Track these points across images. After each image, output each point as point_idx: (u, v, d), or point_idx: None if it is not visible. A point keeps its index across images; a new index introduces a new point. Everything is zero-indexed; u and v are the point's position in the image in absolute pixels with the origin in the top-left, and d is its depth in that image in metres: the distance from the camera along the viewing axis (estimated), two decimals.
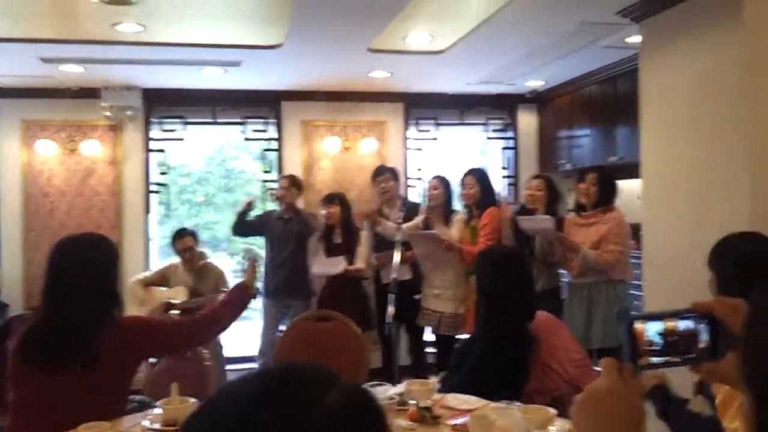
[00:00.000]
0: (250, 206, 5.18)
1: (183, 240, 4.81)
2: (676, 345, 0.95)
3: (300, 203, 5.39)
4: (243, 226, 5.21)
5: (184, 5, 3.74)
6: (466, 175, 4.45)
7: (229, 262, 10.30)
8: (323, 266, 4.83)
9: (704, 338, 0.96)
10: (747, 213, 2.78)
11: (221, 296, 4.51)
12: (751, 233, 1.93)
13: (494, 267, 2.48)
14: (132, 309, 4.76)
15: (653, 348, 0.95)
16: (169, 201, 5.99)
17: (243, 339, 6.19)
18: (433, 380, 2.37)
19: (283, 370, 0.76)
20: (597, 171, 4.19)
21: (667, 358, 0.95)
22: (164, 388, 2.35)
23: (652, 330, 0.95)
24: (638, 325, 0.95)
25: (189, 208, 12.10)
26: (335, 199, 4.98)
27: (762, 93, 2.55)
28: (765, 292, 0.69)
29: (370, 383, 2.35)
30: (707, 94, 3.39)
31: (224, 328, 2.44)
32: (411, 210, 4.73)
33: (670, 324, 0.95)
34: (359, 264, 4.82)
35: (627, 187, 4.87)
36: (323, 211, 4.96)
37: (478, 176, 4.42)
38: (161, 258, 6.04)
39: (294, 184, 5.13)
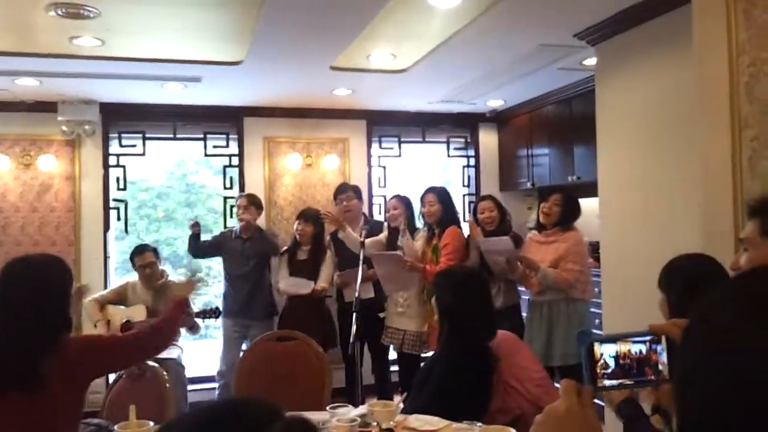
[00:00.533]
0: (196, 227, 5.15)
1: (143, 256, 4.72)
2: (629, 368, 0.98)
3: (261, 221, 5.35)
4: (199, 248, 5.15)
5: (143, 20, 3.70)
6: (426, 193, 4.41)
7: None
8: (292, 286, 4.79)
9: (663, 360, 0.98)
10: (700, 232, 2.86)
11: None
12: (698, 255, 1.99)
13: (454, 287, 2.50)
14: (89, 328, 4.65)
15: (607, 370, 0.98)
16: (127, 216, 5.87)
17: (204, 359, 6.10)
18: (396, 401, 2.36)
19: (231, 403, 0.84)
20: (560, 191, 4.24)
21: (621, 380, 0.98)
22: (123, 411, 2.30)
23: (606, 352, 0.97)
24: (596, 348, 0.98)
25: (148, 224, 11.89)
26: (311, 218, 4.95)
27: (712, 115, 2.64)
28: (698, 317, 0.72)
29: (333, 404, 2.34)
30: (661, 115, 3.50)
31: (166, 342, 2.39)
32: (375, 228, 4.74)
33: (624, 347, 0.98)
34: (322, 283, 4.82)
35: (586, 206, 4.97)
36: (297, 227, 4.93)
37: (439, 194, 4.38)
38: (118, 275, 5.92)
39: (252, 203, 5.08)
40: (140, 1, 3.39)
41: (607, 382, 0.97)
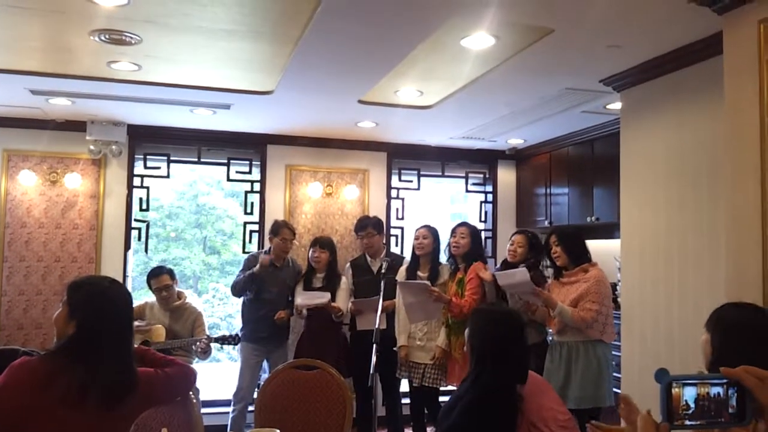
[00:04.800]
0: (266, 266, 4.94)
1: (159, 278, 4.74)
2: (707, 409, 1.03)
3: None
4: (248, 289, 5.05)
5: (181, 48, 3.80)
6: (459, 225, 4.49)
7: (196, 299, 10.22)
8: (308, 298, 4.81)
9: (732, 403, 1.03)
10: (723, 280, 2.90)
11: (203, 339, 4.50)
12: (748, 304, 2.03)
13: (488, 326, 2.52)
14: None
15: (688, 411, 1.03)
16: (148, 237, 5.94)
17: (217, 382, 6.12)
18: None
19: None
20: (554, 232, 4.20)
21: (699, 421, 1.04)
22: None
23: (687, 394, 1.03)
24: (675, 388, 1.03)
25: (157, 243, 11.97)
26: (326, 246, 5.00)
27: (741, 165, 2.69)
28: None
29: None
30: (685, 162, 3.56)
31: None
32: (396, 261, 4.78)
33: (703, 390, 1.04)
34: (339, 305, 4.85)
35: (604, 247, 5.00)
36: (312, 254, 4.99)
37: (471, 229, 4.47)
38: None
39: (295, 234, 5.16)
40: (181, 30, 3.49)
41: (688, 422, 1.03)
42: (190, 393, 2.60)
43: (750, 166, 2.62)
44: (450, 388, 4.34)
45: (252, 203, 6.12)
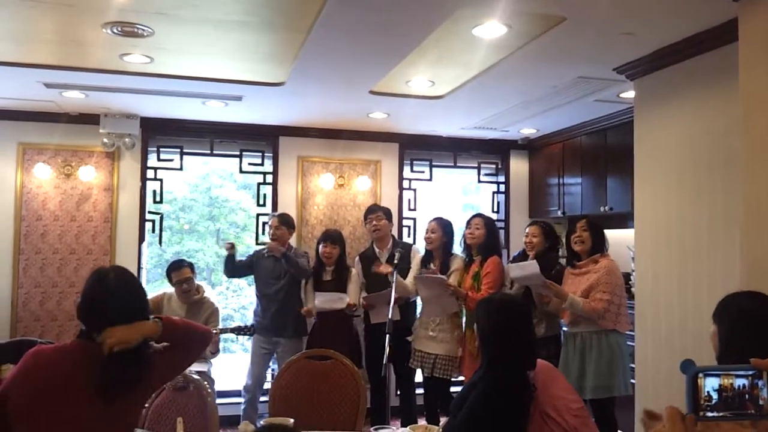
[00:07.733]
0: (232, 248, 5.13)
1: (181, 271, 4.76)
2: (731, 401, 1.01)
3: (292, 239, 5.39)
4: (235, 269, 5.18)
5: (193, 40, 3.81)
6: (474, 216, 4.50)
7: (210, 291, 10.27)
8: (327, 302, 4.82)
9: (764, 395, 1.01)
10: (738, 270, 2.87)
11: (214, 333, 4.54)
12: (757, 293, 2.01)
13: (494, 314, 2.52)
14: None
15: (710, 403, 1.01)
16: (162, 229, 5.98)
17: (229, 373, 6.16)
18: (422, 424, 2.39)
19: None
20: (585, 218, 4.27)
21: (723, 413, 1.01)
22: (165, 423, 2.37)
23: (709, 385, 1.01)
24: (700, 379, 1.01)
25: (171, 235, 12.03)
26: (337, 241, 5.00)
27: (756, 156, 2.67)
28: None
29: (377, 426, 2.38)
30: (700, 152, 3.52)
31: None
32: (406, 250, 4.78)
33: (727, 381, 1.01)
34: (351, 300, 4.86)
35: (617, 236, 4.97)
36: (323, 249, 4.99)
37: (486, 220, 4.46)
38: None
39: (284, 222, 5.11)
40: (192, 22, 3.49)
41: (709, 414, 1.01)
42: (206, 384, 2.62)
43: (765, 155, 2.59)
44: (462, 378, 4.34)
45: (264, 195, 6.14)
